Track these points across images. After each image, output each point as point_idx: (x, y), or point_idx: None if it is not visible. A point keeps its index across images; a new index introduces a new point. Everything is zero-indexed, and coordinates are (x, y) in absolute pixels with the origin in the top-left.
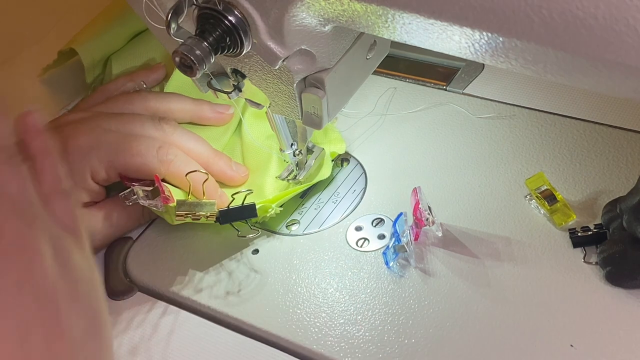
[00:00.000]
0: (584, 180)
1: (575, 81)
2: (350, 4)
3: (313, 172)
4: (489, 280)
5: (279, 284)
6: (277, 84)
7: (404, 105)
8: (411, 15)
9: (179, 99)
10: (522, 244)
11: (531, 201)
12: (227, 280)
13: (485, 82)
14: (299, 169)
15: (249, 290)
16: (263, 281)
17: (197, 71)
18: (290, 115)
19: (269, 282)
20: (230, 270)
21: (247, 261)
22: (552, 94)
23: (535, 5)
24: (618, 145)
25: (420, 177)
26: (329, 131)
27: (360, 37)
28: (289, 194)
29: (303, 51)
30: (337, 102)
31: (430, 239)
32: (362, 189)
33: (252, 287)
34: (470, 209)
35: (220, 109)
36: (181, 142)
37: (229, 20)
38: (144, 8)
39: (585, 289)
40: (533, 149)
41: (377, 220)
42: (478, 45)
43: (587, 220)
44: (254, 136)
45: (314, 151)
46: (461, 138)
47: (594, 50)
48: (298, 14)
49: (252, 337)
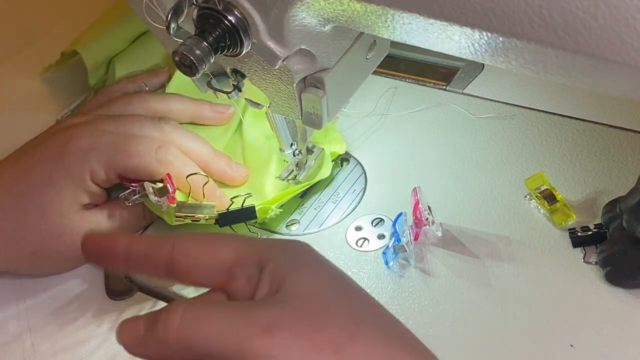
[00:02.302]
0: (583, 180)
1: (575, 81)
2: (350, 4)
3: (313, 172)
4: (489, 280)
5: None
6: (277, 84)
7: (404, 105)
8: (411, 15)
9: (178, 99)
10: (522, 243)
11: (531, 201)
12: None
13: (485, 82)
14: (299, 169)
15: None
16: None
17: (196, 71)
18: (290, 115)
19: None
20: None
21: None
22: (552, 94)
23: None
24: (618, 145)
25: (420, 177)
26: (329, 131)
27: (360, 37)
28: (289, 194)
29: (303, 51)
30: (337, 102)
31: (430, 239)
32: (362, 189)
33: None
34: (470, 209)
35: (221, 109)
36: (181, 142)
37: (229, 20)
38: (144, 8)
39: (585, 288)
40: (533, 149)
41: (377, 220)
42: (478, 45)
43: (587, 220)
44: (254, 136)
45: (314, 151)
46: (461, 138)
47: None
48: (298, 14)
49: None
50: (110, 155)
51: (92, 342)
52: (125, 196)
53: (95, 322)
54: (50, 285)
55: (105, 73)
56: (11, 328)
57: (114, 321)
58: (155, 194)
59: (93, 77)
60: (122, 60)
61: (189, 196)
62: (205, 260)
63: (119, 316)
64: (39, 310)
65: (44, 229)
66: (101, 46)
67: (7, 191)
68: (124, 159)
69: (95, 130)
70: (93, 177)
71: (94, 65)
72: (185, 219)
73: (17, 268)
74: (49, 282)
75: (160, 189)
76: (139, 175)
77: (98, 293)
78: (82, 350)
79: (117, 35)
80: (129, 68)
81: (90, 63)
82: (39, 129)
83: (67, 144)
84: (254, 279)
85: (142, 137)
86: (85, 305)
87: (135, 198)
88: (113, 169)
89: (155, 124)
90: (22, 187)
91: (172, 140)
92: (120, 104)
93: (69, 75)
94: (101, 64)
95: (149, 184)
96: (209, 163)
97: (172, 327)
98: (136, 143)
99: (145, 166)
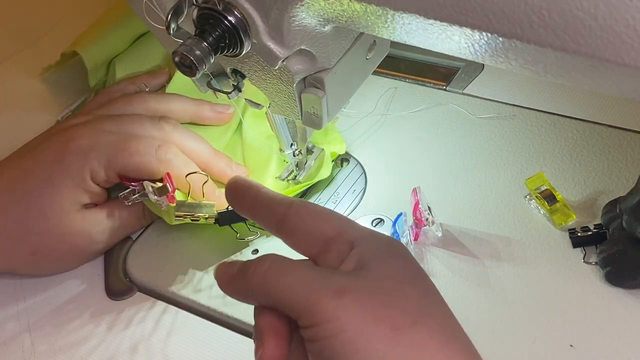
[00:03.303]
0: (583, 180)
1: (575, 81)
2: (350, 4)
3: (313, 173)
4: (489, 280)
5: None
6: (277, 84)
7: (404, 105)
8: (411, 15)
9: (178, 99)
10: (522, 244)
11: (531, 201)
12: None
13: (485, 82)
14: (299, 170)
15: None
16: None
17: (196, 71)
18: (290, 115)
19: None
20: None
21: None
22: (552, 94)
23: (535, 5)
24: (618, 145)
25: (420, 177)
26: (329, 131)
27: (360, 37)
28: (289, 194)
29: (303, 51)
30: (337, 102)
31: (430, 239)
32: (362, 189)
33: None
34: (470, 209)
35: (220, 109)
36: (181, 141)
37: (229, 20)
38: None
39: (585, 289)
40: (533, 149)
41: (377, 220)
42: (478, 45)
43: (586, 220)
44: (253, 136)
45: (314, 152)
46: (461, 138)
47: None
48: (298, 14)
49: (252, 337)
50: (110, 155)
51: (92, 341)
52: (125, 195)
53: (95, 322)
54: (49, 285)
55: (106, 74)
56: (10, 328)
57: (113, 321)
58: (154, 192)
59: (93, 78)
60: (122, 61)
61: (189, 196)
62: (310, 227)
63: (118, 316)
64: (39, 310)
65: (44, 228)
66: (101, 47)
67: (8, 191)
68: (124, 158)
69: (96, 130)
70: (93, 176)
71: (94, 66)
72: (184, 219)
73: (18, 268)
74: (48, 282)
75: (160, 188)
76: (139, 174)
77: (98, 293)
78: (81, 350)
79: (117, 36)
80: (129, 69)
81: (91, 64)
82: (39, 129)
83: (67, 144)
84: (343, 254)
85: (143, 137)
86: (85, 305)
87: (134, 197)
88: (113, 168)
89: (156, 124)
90: (22, 187)
91: (172, 139)
92: (121, 104)
93: (69, 76)
94: (101, 65)
95: (149, 183)
96: (209, 163)
97: (259, 273)
98: (136, 142)
99: (145, 165)
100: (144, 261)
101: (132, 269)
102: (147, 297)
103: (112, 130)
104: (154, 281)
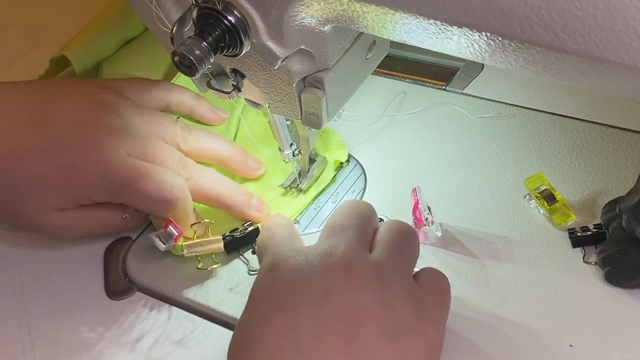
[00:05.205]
0: (583, 180)
1: (574, 81)
2: (350, 4)
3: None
4: (488, 280)
5: None
6: (277, 84)
7: (404, 105)
8: (411, 15)
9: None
10: (522, 244)
11: (530, 201)
12: (226, 280)
13: (484, 82)
14: (302, 178)
15: (249, 289)
16: None
17: (196, 71)
18: (290, 115)
19: None
20: (229, 269)
21: (247, 261)
22: (552, 94)
23: (534, 5)
24: (618, 145)
25: (419, 177)
26: (329, 136)
27: (360, 37)
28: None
29: (302, 51)
30: (337, 102)
31: (430, 239)
32: (362, 189)
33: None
34: (469, 209)
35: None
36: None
37: (229, 20)
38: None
39: (585, 289)
40: (533, 149)
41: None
42: (477, 45)
43: (586, 220)
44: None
45: (317, 160)
46: (461, 138)
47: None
48: (298, 14)
49: None
50: (119, 187)
51: (91, 341)
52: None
53: (94, 321)
54: (49, 285)
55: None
56: (10, 327)
57: (113, 321)
58: (161, 240)
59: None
60: (110, 64)
61: (194, 235)
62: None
63: (118, 316)
64: (38, 309)
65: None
66: (91, 52)
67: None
68: (131, 198)
69: (111, 151)
70: (92, 198)
71: (83, 71)
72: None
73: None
74: (48, 281)
75: (165, 235)
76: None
77: (97, 293)
78: (81, 350)
79: (107, 41)
80: (117, 71)
81: (80, 69)
82: None
83: (77, 157)
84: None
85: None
86: (85, 305)
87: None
88: (118, 199)
89: (181, 160)
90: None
91: (194, 178)
92: (136, 90)
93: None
94: (90, 70)
95: (155, 236)
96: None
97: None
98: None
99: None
100: (143, 261)
101: (132, 268)
102: (146, 297)
103: (131, 154)
104: (154, 281)
